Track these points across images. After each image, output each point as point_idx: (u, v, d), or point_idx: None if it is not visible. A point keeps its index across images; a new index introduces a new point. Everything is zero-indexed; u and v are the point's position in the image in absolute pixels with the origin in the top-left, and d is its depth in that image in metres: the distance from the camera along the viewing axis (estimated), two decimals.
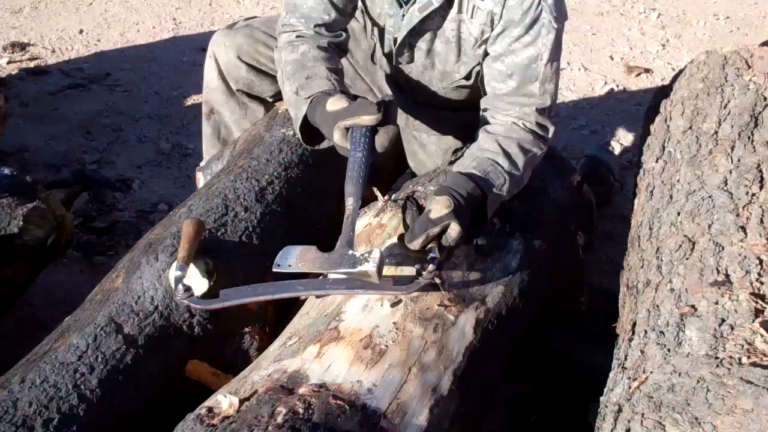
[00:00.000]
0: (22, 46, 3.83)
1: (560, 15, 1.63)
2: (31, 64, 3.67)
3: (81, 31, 4.04)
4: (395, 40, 1.85)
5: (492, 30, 1.68)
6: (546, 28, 1.62)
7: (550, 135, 1.71)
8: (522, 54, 1.65)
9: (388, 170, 2.17)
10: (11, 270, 1.81)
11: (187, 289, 1.43)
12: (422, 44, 1.82)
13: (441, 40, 1.79)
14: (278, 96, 2.20)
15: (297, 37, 1.80)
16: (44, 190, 1.91)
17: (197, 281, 1.47)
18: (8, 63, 3.64)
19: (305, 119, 1.67)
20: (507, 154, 1.61)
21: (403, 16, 1.77)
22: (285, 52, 1.79)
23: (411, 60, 1.89)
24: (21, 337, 1.61)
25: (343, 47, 1.88)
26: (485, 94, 1.77)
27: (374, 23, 1.92)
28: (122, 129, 3.19)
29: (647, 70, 3.79)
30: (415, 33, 1.80)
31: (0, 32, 3.97)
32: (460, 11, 1.70)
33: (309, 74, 1.68)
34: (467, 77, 1.84)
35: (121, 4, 4.38)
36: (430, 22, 1.76)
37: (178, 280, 1.43)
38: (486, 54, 1.74)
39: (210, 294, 1.48)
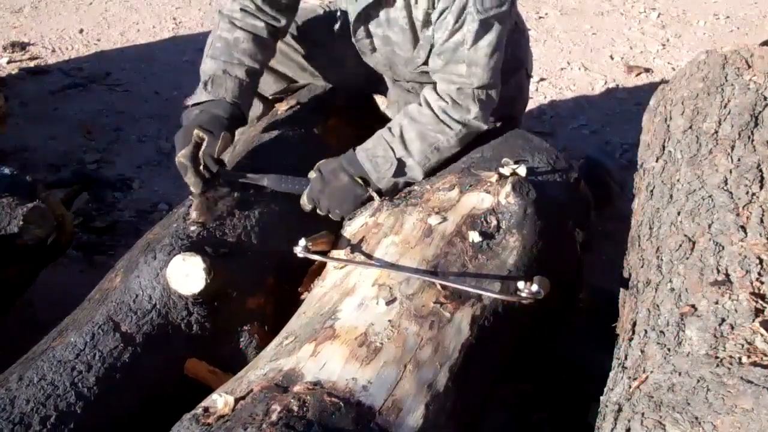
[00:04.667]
0: (22, 46, 3.83)
1: (489, 5, 1.70)
2: (31, 64, 3.67)
3: (81, 31, 4.04)
4: (351, 26, 1.92)
5: (433, 11, 1.78)
6: (471, 16, 1.71)
7: (470, 116, 1.78)
8: (450, 38, 1.75)
9: None
10: (11, 270, 1.81)
11: (305, 245, 1.57)
12: (378, 31, 1.90)
13: (395, 30, 1.87)
14: (278, 94, 2.21)
15: (240, 10, 1.88)
16: (44, 190, 1.91)
17: (195, 278, 1.48)
18: (8, 63, 3.65)
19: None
20: (403, 141, 1.77)
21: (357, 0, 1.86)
22: (223, 24, 1.89)
23: (374, 48, 1.97)
24: (21, 337, 1.61)
25: (282, 32, 1.97)
26: None
27: (343, 12, 1.99)
28: (122, 129, 3.19)
29: (647, 70, 3.78)
30: (365, 18, 1.88)
31: (0, 32, 3.97)
32: None
33: (227, 69, 1.83)
34: (427, 62, 1.90)
35: (121, 3, 4.39)
36: (378, 9, 1.85)
37: (303, 245, 1.56)
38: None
39: (207, 292, 1.49)
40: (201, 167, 1.72)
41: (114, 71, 3.64)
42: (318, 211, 1.77)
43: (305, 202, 1.77)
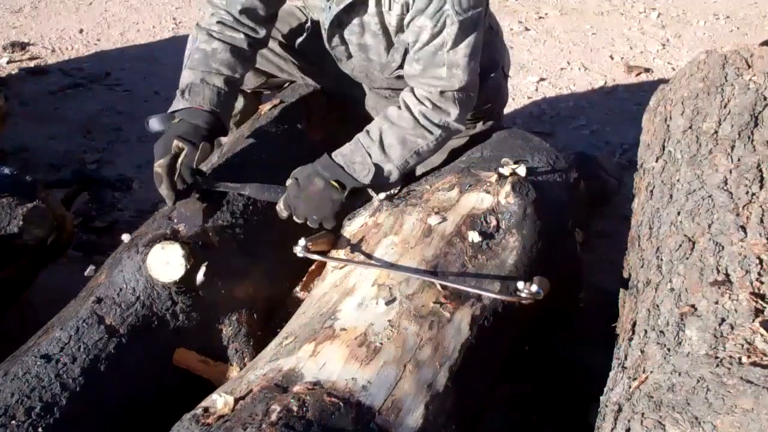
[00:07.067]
0: (22, 46, 3.83)
1: (466, 6, 1.70)
2: (31, 64, 3.68)
3: (81, 31, 4.04)
4: (325, 33, 1.91)
5: (407, 14, 1.77)
6: (450, 19, 1.69)
7: (451, 118, 1.78)
8: (429, 41, 1.73)
9: None
10: (11, 269, 1.81)
11: (305, 245, 1.57)
12: (352, 38, 1.89)
13: (369, 34, 1.87)
14: (258, 88, 2.20)
15: (217, 22, 1.87)
16: (44, 190, 1.91)
17: (175, 265, 1.49)
18: (8, 63, 3.65)
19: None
20: (382, 146, 1.75)
21: (330, 8, 1.84)
22: (201, 36, 1.88)
23: (349, 55, 1.96)
24: (21, 337, 1.61)
25: (261, 44, 1.94)
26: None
27: (315, 21, 1.98)
28: (122, 129, 3.19)
29: (647, 70, 3.79)
30: (338, 25, 1.87)
31: (0, 32, 3.97)
32: (378, 4, 1.79)
33: (205, 77, 1.82)
34: (403, 65, 1.89)
35: (121, 3, 4.39)
36: (351, 15, 1.83)
37: (303, 245, 1.57)
38: None
39: (187, 280, 1.51)
40: (176, 177, 1.69)
41: (114, 71, 3.64)
42: (295, 218, 1.74)
43: (281, 208, 1.74)
